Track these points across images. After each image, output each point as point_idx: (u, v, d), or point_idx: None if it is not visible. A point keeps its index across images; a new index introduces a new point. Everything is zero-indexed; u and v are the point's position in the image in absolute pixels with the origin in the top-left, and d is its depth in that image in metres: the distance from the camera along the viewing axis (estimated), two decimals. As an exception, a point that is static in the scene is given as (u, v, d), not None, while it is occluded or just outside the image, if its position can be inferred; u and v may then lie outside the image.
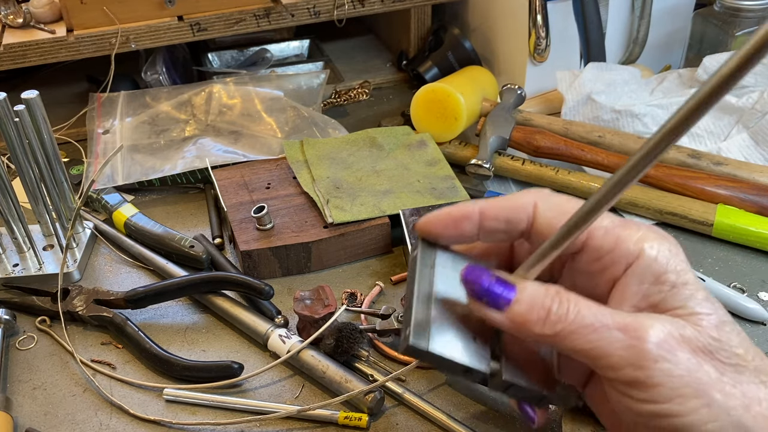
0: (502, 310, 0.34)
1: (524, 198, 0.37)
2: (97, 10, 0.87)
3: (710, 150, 0.81)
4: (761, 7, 0.87)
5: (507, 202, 0.38)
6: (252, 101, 0.92)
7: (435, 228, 0.38)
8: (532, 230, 0.37)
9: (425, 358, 0.35)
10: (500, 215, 0.37)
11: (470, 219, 0.37)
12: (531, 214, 0.37)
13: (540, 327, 0.33)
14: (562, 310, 0.33)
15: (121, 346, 0.64)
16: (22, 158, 0.67)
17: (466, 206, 0.38)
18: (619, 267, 0.36)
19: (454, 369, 0.35)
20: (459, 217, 0.38)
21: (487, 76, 0.92)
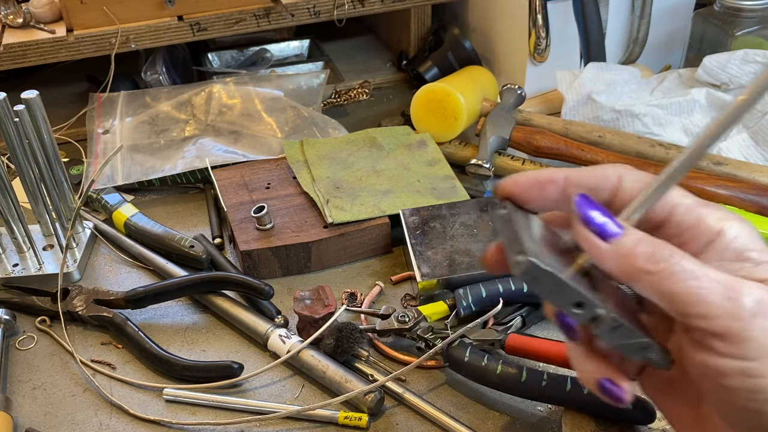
0: (608, 240, 0.34)
1: (609, 170, 0.38)
2: (97, 10, 0.87)
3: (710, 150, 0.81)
4: (761, 7, 0.87)
5: (592, 171, 0.38)
6: (252, 101, 0.92)
7: (519, 188, 0.38)
8: (615, 201, 0.38)
9: (543, 281, 0.34)
10: (585, 183, 0.38)
11: (555, 183, 0.38)
12: (615, 184, 0.38)
13: (644, 261, 0.34)
14: (667, 251, 0.34)
15: (120, 346, 0.64)
16: (22, 158, 0.67)
17: (553, 171, 0.38)
18: (700, 243, 0.36)
19: (567, 298, 0.34)
20: (544, 180, 0.38)
21: (487, 76, 0.92)
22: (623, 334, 0.35)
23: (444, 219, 0.70)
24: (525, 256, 0.33)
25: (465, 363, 0.55)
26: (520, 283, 0.62)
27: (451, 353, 0.56)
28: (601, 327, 0.35)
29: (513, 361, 0.57)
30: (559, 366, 0.56)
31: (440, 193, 0.75)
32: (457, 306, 0.62)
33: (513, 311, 0.63)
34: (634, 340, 0.36)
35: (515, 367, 0.54)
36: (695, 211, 0.36)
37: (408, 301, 0.67)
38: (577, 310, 0.34)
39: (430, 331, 0.60)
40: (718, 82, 0.85)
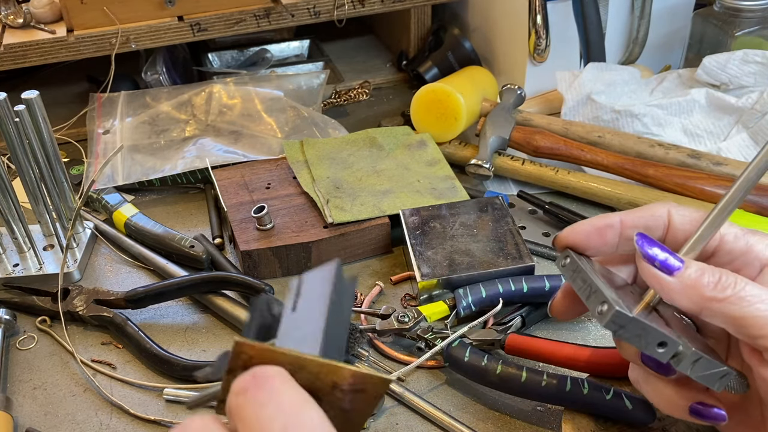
0: (673, 274, 0.36)
1: (659, 208, 0.40)
2: (97, 10, 0.87)
3: (710, 150, 0.81)
4: (761, 7, 0.87)
5: (644, 211, 0.40)
6: (252, 101, 0.92)
7: (579, 238, 0.40)
8: (667, 237, 0.40)
9: (628, 327, 0.35)
10: (640, 223, 0.40)
11: (613, 228, 0.40)
12: (667, 222, 0.40)
13: (710, 290, 0.35)
14: (731, 279, 0.35)
15: (121, 346, 0.64)
16: (22, 158, 0.67)
17: (607, 216, 0.40)
18: (753, 268, 0.38)
19: (651, 340, 0.36)
20: (602, 227, 0.40)
21: (487, 76, 0.92)
22: (703, 366, 0.37)
23: (444, 219, 0.70)
24: (611, 307, 0.35)
25: (465, 363, 0.55)
26: (520, 283, 0.62)
27: (451, 353, 0.56)
28: (684, 362, 0.36)
29: (513, 361, 0.57)
30: (559, 366, 0.56)
31: (440, 193, 0.75)
32: (457, 306, 0.62)
33: (513, 311, 0.63)
34: (713, 370, 0.37)
35: (515, 367, 0.54)
36: (743, 239, 0.38)
37: (408, 301, 0.67)
38: (661, 350, 0.36)
39: (430, 331, 0.60)
40: (718, 82, 0.86)
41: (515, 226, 0.69)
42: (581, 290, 0.38)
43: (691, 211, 0.40)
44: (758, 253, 0.38)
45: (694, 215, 0.40)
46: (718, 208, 0.37)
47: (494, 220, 0.70)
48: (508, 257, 0.65)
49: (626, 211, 0.41)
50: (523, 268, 0.64)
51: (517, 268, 0.64)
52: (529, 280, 0.62)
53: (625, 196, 0.75)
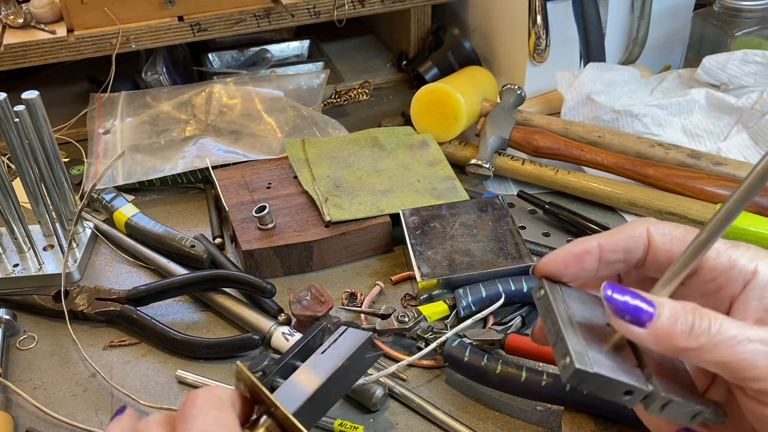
0: (645, 326, 0.35)
1: (637, 228, 0.39)
2: (97, 10, 0.87)
3: (710, 150, 0.81)
4: (761, 7, 0.87)
5: (622, 233, 0.39)
6: (252, 101, 0.92)
7: (557, 267, 0.39)
8: (648, 258, 0.39)
9: (590, 382, 0.35)
10: (618, 246, 0.39)
11: (591, 253, 0.39)
12: (647, 242, 0.39)
13: (684, 340, 0.34)
14: (705, 323, 0.34)
15: (128, 342, 0.64)
16: (22, 158, 0.67)
17: (585, 242, 0.39)
18: (737, 285, 0.37)
19: (616, 391, 0.35)
20: (580, 253, 0.39)
21: (487, 76, 0.92)
22: (674, 407, 0.36)
23: (444, 219, 0.70)
24: (572, 362, 0.35)
25: (465, 363, 0.56)
26: (520, 283, 0.62)
27: (451, 353, 0.56)
28: (653, 405, 0.36)
29: (513, 361, 0.58)
30: (559, 366, 0.56)
31: (440, 193, 0.75)
32: (457, 306, 0.62)
33: (513, 311, 0.63)
34: (685, 410, 0.36)
35: (515, 367, 0.54)
36: (726, 254, 0.37)
37: (408, 301, 0.67)
38: (627, 397, 0.35)
39: (430, 331, 0.60)
40: (718, 82, 0.86)
41: (515, 226, 0.69)
42: (550, 333, 0.38)
43: (671, 228, 0.39)
44: (741, 268, 0.37)
45: (675, 233, 0.39)
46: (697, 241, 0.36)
47: (494, 220, 0.70)
48: (508, 257, 0.65)
49: (604, 233, 0.40)
50: (523, 268, 0.64)
51: (517, 268, 0.64)
52: (529, 280, 0.62)
53: (625, 196, 0.75)
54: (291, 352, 0.50)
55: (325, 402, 0.48)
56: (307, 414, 0.45)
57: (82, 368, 0.62)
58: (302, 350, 0.51)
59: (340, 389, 0.50)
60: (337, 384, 0.48)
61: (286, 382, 0.47)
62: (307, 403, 0.45)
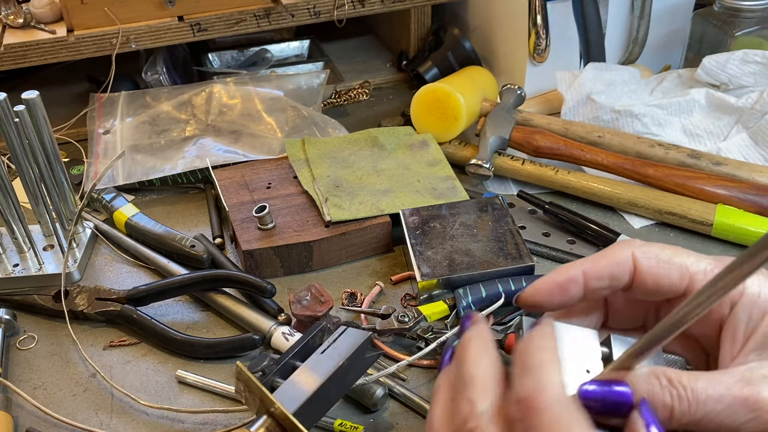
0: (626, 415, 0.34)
1: (622, 252, 0.39)
2: (97, 10, 0.87)
3: (710, 150, 0.81)
4: (761, 7, 0.87)
5: (606, 258, 0.39)
6: (252, 101, 0.92)
7: (542, 297, 0.39)
8: (635, 282, 0.38)
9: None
10: (603, 273, 0.38)
11: (576, 281, 0.38)
12: (632, 266, 0.38)
13: (668, 424, 0.34)
14: (683, 405, 0.33)
15: (127, 342, 0.64)
16: (22, 158, 0.67)
17: (569, 270, 0.39)
18: (724, 306, 0.37)
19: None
20: (564, 282, 0.39)
21: (487, 76, 0.92)
22: None
23: (444, 219, 0.70)
24: None
25: (465, 363, 0.55)
26: (520, 283, 0.62)
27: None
28: None
29: (513, 360, 0.57)
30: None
31: (440, 193, 0.75)
32: (457, 306, 0.62)
33: (513, 311, 0.63)
34: None
35: (515, 366, 0.54)
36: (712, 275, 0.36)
37: (408, 301, 0.67)
38: None
39: (430, 331, 0.60)
40: (718, 82, 0.86)
41: (515, 226, 0.69)
42: None
43: (657, 250, 0.38)
44: None
45: (661, 255, 0.38)
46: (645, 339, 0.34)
47: (494, 220, 0.70)
48: (508, 257, 0.65)
49: (588, 259, 0.39)
50: (523, 267, 0.64)
51: (517, 267, 0.64)
52: (529, 280, 0.62)
53: (625, 196, 0.75)
54: (291, 352, 0.50)
55: (325, 402, 0.48)
56: (307, 414, 0.45)
57: (82, 368, 0.62)
58: (302, 350, 0.51)
59: (340, 389, 0.50)
60: (337, 384, 0.48)
61: (286, 382, 0.47)
62: (307, 403, 0.45)
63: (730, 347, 0.36)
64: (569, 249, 0.71)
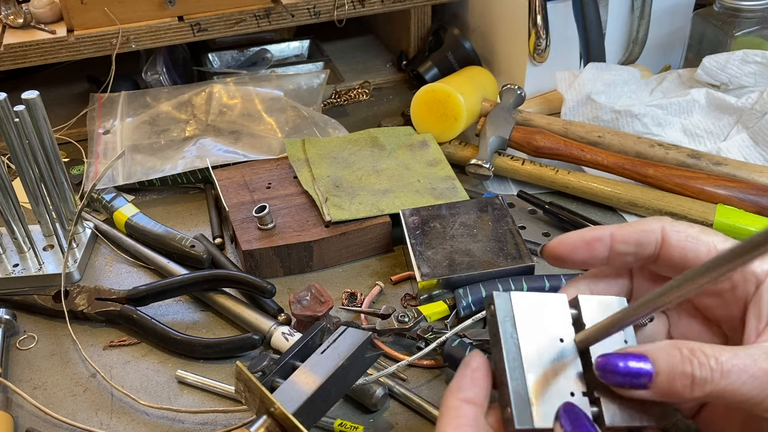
0: (647, 388, 0.35)
1: (652, 223, 0.39)
2: (97, 10, 0.87)
3: (710, 150, 0.81)
4: (761, 7, 0.87)
5: (636, 226, 0.39)
6: (252, 101, 0.92)
7: (566, 250, 0.39)
8: (661, 254, 0.39)
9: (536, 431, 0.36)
10: (630, 238, 0.39)
11: (602, 241, 0.39)
12: (660, 238, 0.39)
13: (689, 392, 0.34)
14: (705, 372, 0.33)
15: (127, 342, 0.64)
16: (22, 158, 0.67)
17: (597, 229, 0.39)
18: (750, 285, 0.37)
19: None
20: (591, 240, 0.39)
21: (487, 76, 0.92)
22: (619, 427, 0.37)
23: (444, 219, 0.70)
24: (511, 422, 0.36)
25: (465, 363, 0.55)
26: (520, 283, 0.62)
27: (451, 353, 0.56)
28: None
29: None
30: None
31: (440, 193, 0.75)
32: (457, 306, 0.62)
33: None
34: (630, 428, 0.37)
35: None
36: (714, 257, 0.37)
37: (408, 301, 0.67)
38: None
39: (430, 331, 0.60)
40: (718, 82, 0.86)
41: (515, 226, 0.69)
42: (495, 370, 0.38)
43: (686, 226, 0.39)
44: (754, 269, 0.37)
45: (690, 231, 0.39)
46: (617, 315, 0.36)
47: (494, 220, 0.70)
48: (508, 257, 0.65)
49: (618, 224, 0.40)
50: (523, 267, 0.64)
51: (517, 267, 0.64)
52: (529, 280, 0.62)
53: (625, 196, 0.75)
54: (291, 352, 0.50)
55: (324, 402, 0.48)
56: (307, 414, 0.45)
57: (82, 368, 0.62)
58: (302, 350, 0.51)
59: (340, 389, 0.50)
60: (336, 384, 0.48)
61: (285, 382, 0.47)
62: (307, 403, 0.45)
63: (755, 324, 0.37)
64: (569, 249, 0.71)
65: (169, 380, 0.60)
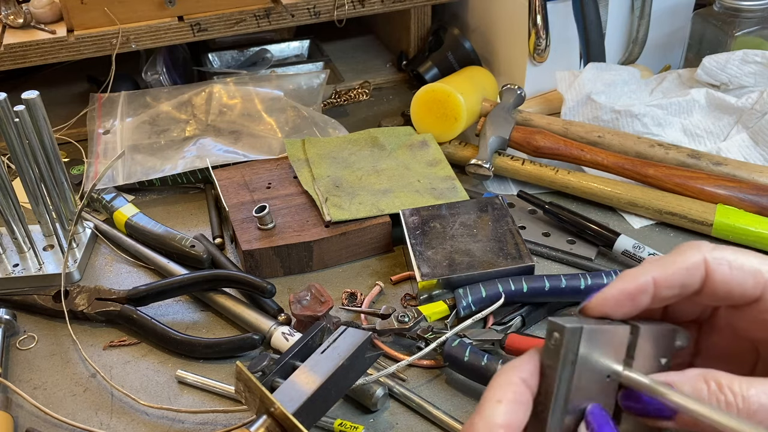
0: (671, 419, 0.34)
1: (693, 257, 0.37)
2: (97, 10, 0.87)
3: (710, 150, 0.81)
4: (761, 7, 0.87)
5: (678, 263, 0.37)
6: (252, 101, 0.92)
7: (610, 308, 0.37)
8: (704, 289, 0.37)
9: None
10: (675, 281, 0.37)
11: (646, 292, 0.37)
12: (704, 273, 0.36)
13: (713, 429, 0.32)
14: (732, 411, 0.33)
15: (127, 342, 0.64)
16: (22, 158, 0.67)
17: (637, 277, 0.37)
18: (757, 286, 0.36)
19: None
20: (634, 293, 0.37)
21: (487, 76, 0.92)
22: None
23: (444, 219, 0.70)
24: None
25: (465, 362, 0.56)
26: (519, 283, 0.62)
27: (451, 353, 0.56)
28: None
29: (513, 360, 0.57)
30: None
31: (440, 193, 0.75)
32: (457, 306, 0.62)
33: (513, 311, 0.63)
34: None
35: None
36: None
37: (408, 301, 0.67)
38: None
39: (430, 331, 0.60)
40: (718, 82, 0.86)
41: (515, 226, 0.69)
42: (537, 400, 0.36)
43: (728, 253, 0.36)
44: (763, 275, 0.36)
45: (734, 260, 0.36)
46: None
47: (494, 220, 0.70)
48: (508, 257, 0.65)
49: (656, 263, 0.37)
50: (523, 267, 0.64)
51: (517, 267, 0.64)
52: (529, 280, 0.62)
53: (625, 196, 0.75)
54: (291, 352, 0.50)
55: (325, 402, 0.48)
56: (307, 414, 0.45)
57: (82, 368, 0.62)
58: (302, 350, 0.51)
59: (340, 389, 0.50)
60: (336, 384, 0.48)
61: (285, 382, 0.47)
62: (307, 402, 0.45)
63: None
64: (569, 249, 0.71)
65: (169, 380, 0.60)
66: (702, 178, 0.73)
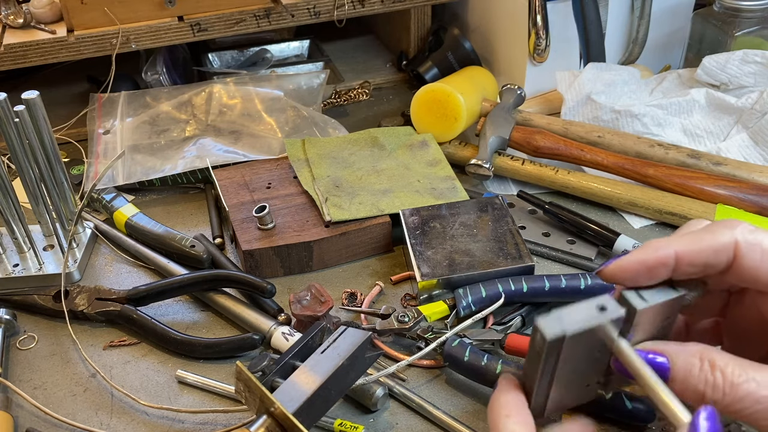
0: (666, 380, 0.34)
1: (723, 236, 0.35)
2: (97, 10, 0.87)
3: (710, 150, 0.81)
4: (761, 7, 0.87)
5: (705, 242, 0.35)
6: (252, 101, 0.92)
7: (625, 276, 0.36)
8: (731, 271, 0.35)
9: None
10: (698, 259, 0.35)
11: (666, 265, 0.35)
12: (732, 255, 0.35)
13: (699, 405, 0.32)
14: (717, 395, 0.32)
15: (128, 342, 0.64)
16: (22, 158, 0.67)
17: (660, 251, 0.35)
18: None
19: None
20: (654, 265, 0.35)
21: (487, 76, 0.92)
22: None
23: (444, 219, 0.70)
24: None
25: (465, 362, 0.56)
26: (519, 283, 0.62)
27: (451, 353, 0.56)
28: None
29: (513, 361, 0.58)
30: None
31: (440, 193, 0.75)
32: (457, 306, 0.62)
33: (513, 311, 0.63)
34: None
35: (515, 366, 0.54)
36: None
37: (408, 301, 0.67)
38: None
39: (430, 331, 0.60)
40: (718, 82, 0.86)
41: (515, 226, 0.69)
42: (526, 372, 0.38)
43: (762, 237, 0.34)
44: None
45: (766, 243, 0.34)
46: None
47: (494, 220, 0.70)
48: (508, 257, 0.65)
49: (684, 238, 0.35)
50: (523, 267, 0.64)
51: (517, 267, 0.64)
52: (529, 280, 0.62)
53: (624, 196, 0.75)
54: (291, 352, 0.50)
55: (325, 402, 0.48)
56: (307, 414, 0.45)
57: (82, 368, 0.62)
58: (302, 350, 0.51)
59: (340, 389, 0.50)
60: (336, 384, 0.48)
61: (285, 382, 0.47)
62: (307, 402, 0.45)
63: None
64: (569, 249, 0.71)
65: (169, 380, 0.60)
66: (702, 178, 0.73)
